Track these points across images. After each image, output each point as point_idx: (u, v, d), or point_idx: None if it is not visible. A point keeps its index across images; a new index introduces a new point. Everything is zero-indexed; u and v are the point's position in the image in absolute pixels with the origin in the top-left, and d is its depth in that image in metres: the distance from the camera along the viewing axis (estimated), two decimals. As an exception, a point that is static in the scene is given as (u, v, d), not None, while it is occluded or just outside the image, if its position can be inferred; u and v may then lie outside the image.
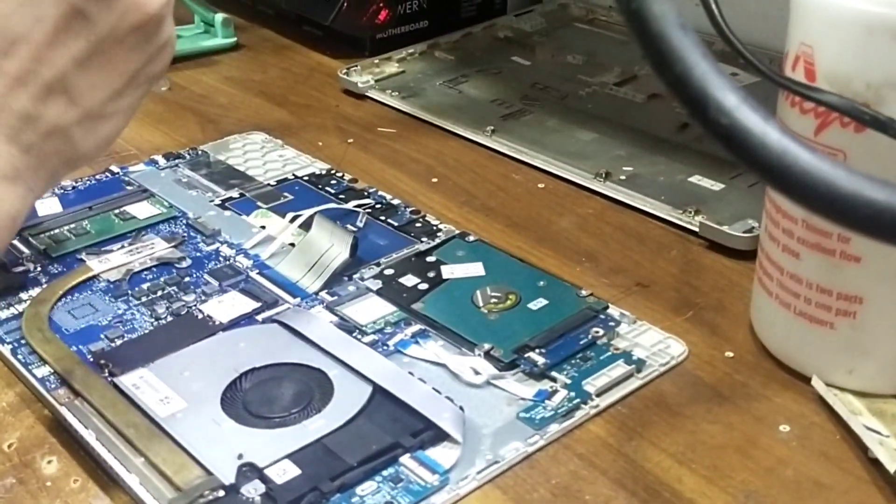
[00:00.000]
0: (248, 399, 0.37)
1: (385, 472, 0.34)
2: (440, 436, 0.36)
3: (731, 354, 0.42)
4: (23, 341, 0.41)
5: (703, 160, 0.56)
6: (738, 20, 0.34)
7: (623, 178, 0.55)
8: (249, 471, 0.34)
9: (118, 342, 0.41)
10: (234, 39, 0.75)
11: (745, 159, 0.24)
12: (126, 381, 0.38)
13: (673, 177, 0.55)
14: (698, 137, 0.57)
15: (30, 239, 0.48)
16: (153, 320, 0.43)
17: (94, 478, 0.35)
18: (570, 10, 0.79)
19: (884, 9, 0.33)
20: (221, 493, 0.33)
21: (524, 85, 0.67)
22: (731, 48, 0.34)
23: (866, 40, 0.33)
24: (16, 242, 0.48)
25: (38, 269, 0.46)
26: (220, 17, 0.74)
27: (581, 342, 0.41)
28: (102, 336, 0.41)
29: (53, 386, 0.39)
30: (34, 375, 0.39)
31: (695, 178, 0.54)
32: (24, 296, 0.44)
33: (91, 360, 0.40)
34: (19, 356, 0.40)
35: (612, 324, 0.42)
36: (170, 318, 0.43)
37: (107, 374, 0.39)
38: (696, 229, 0.50)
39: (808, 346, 0.39)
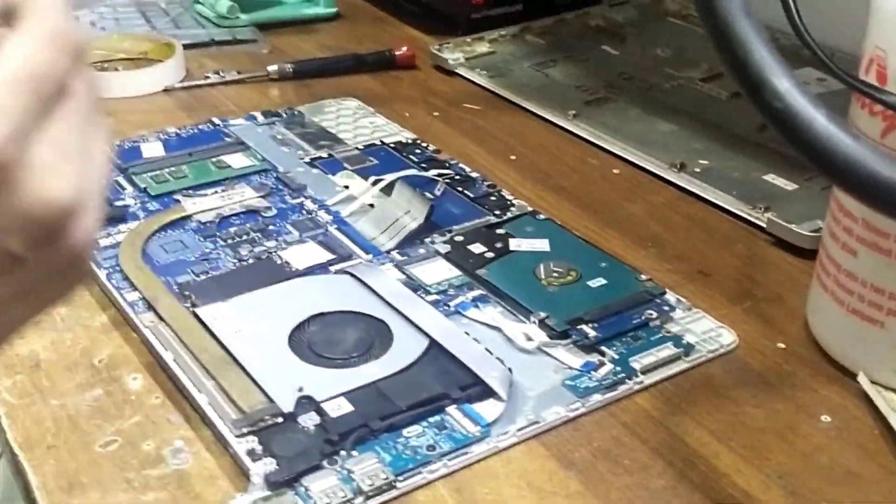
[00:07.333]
0: (313, 340, 0.40)
1: (431, 419, 0.37)
2: (487, 392, 0.38)
3: (783, 346, 0.42)
4: (118, 268, 0.45)
5: (779, 160, 0.56)
6: (828, 25, 0.35)
7: (698, 170, 0.56)
8: (307, 403, 0.37)
9: (202, 277, 0.44)
10: (335, 9, 0.78)
11: (793, 141, 0.26)
12: (205, 312, 0.41)
13: (747, 173, 0.55)
14: (777, 138, 0.57)
15: (133, 177, 0.52)
16: (236, 261, 0.46)
17: (173, 397, 0.38)
18: (665, 5, 0.80)
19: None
20: (280, 419, 0.36)
21: (611, 73, 0.68)
22: (803, 45, 0.35)
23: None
24: (120, 179, 0.52)
25: (138, 204, 0.50)
26: (323, -14, 0.77)
27: (633, 321, 0.42)
28: (189, 270, 0.45)
29: (141, 310, 0.42)
30: (125, 299, 0.43)
31: (769, 177, 0.55)
32: (122, 227, 0.48)
33: (177, 290, 0.43)
34: (113, 281, 0.44)
35: (666, 308, 0.43)
36: (251, 261, 0.46)
37: (189, 305, 0.42)
38: (764, 225, 0.51)
39: (858, 343, 0.39)
